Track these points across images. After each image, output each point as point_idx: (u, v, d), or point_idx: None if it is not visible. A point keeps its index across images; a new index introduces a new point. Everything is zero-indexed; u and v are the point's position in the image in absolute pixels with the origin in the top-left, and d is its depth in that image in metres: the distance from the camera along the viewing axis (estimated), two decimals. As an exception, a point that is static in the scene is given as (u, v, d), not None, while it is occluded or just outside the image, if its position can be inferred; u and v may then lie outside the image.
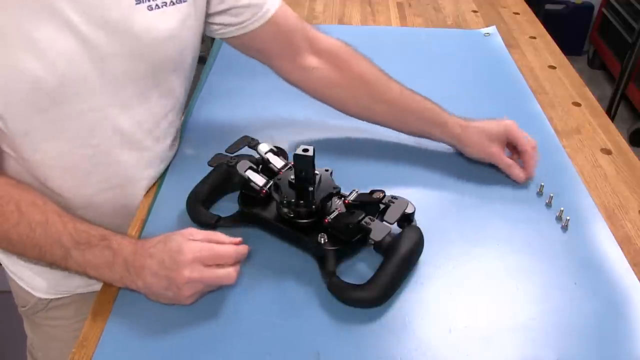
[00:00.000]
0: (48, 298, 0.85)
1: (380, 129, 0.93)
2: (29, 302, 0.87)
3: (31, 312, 0.89)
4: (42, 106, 0.64)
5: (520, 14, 1.49)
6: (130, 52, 0.68)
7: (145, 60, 0.70)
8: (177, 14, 0.71)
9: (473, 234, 0.76)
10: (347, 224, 0.68)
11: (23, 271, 0.84)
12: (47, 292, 0.84)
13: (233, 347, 0.61)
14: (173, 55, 0.74)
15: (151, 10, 0.68)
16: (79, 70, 0.65)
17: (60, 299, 0.86)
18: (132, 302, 0.66)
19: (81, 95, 0.66)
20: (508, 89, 1.11)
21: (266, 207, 0.73)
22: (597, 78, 3.17)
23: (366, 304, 0.64)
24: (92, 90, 0.67)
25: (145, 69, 0.71)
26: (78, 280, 0.80)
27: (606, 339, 0.63)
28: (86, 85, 0.66)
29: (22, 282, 0.85)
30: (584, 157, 0.93)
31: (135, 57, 0.69)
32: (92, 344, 0.61)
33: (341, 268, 0.69)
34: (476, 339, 0.62)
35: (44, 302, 0.86)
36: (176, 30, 0.72)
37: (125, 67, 0.69)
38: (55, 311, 0.87)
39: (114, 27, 0.65)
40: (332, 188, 0.71)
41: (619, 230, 0.78)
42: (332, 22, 1.40)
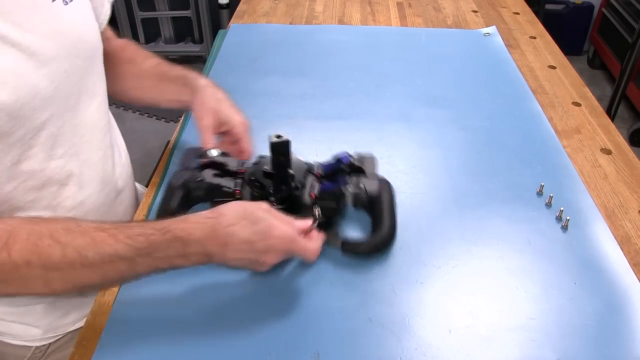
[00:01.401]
0: (46, 344, 0.80)
1: (383, 130, 0.93)
2: (24, 356, 0.80)
3: None
4: (6, 129, 0.60)
5: (520, 14, 1.49)
6: (67, 50, 0.66)
7: (80, 55, 0.69)
8: (84, 3, 0.72)
9: (473, 234, 0.76)
10: (334, 192, 0.72)
11: (13, 327, 0.77)
12: (43, 338, 0.79)
13: (233, 347, 0.61)
14: (98, 43, 0.75)
15: (66, 4, 0.67)
16: (29, 81, 0.61)
17: (59, 340, 0.81)
18: (132, 302, 0.66)
19: (37, 107, 0.63)
20: (508, 89, 1.11)
21: None
22: (597, 78, 3.17)
23: (386, 244, 0.71)
24: (45, 99, 0.64)
25: (84, 64, 0.71)
26: (73, 315, 0.80)
27: (606, 339, 0.63)
28: (39, 95, 0.63)
29: (13, 339, 0.78)
30: (584, 157, 0.93)
31: (72, 54, 0.68)
32: (92, 344, 0.61)
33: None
34: (476, 339, 0.62)
35: (42, 349, 0.80)
36: (92, 19, 0.73)
37: (67, 66, 0.67)
38: (56, 354, 0.82)
39: (44, 29, 0.63)
40: (304, 164, 0.74)
41: (619, 230, 0.78)
42: (332, 22, 1.40)
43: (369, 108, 1.04)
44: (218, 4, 2.91)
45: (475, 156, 0.91)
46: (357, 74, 1.15)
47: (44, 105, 0.64)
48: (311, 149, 0.92)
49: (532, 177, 0.86)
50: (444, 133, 0.97)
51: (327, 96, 1.07)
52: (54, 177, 0.69)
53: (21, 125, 0.61)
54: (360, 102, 1.05)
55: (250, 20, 1.40)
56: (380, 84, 1.11)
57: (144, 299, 0.66)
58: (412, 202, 0.81)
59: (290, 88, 1.07)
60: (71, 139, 0.70)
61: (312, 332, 0.62)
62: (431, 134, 0.97)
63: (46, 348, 0.80)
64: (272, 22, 1.39)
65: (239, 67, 1.16)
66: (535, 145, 0.94)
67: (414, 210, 0.80)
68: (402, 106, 1.04)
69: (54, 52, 0.64)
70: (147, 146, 2.49)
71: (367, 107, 1.04)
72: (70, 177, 0.71)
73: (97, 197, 0.76)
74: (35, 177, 0.66)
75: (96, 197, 0.76)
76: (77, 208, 0.73)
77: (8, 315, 0.76)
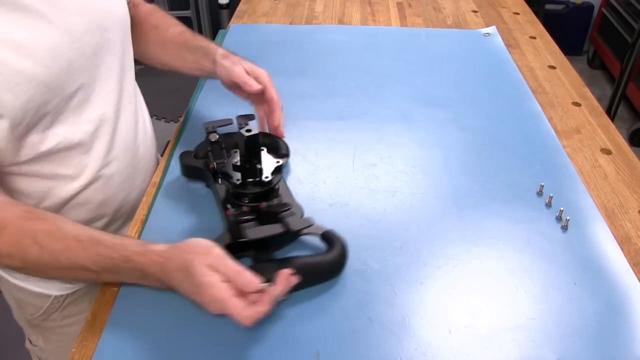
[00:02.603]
0: (64, 294, 0.85)
1: (383, 130, 0.93)
2: (43, 306, 0.85)
3: (44, 317, 0.87)
4: (44, 99, 0.66)
5: (520, 14, 1.49)
6: (97, 24, 0.73)
7: (111, 28, 0.76)
8: None
9: (473, 234, 0.76)
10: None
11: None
12: (62, 287, 0.84)
13: (233, 347, 0.61)
14: (126, 17, 0.81)
15: None
16: (64, 55, 0.67)
17: (75, 292, 0.86)
18: (132, 302, 0.66)
19: (71, 78, 0.70)
20: (508, 89, 1.11)
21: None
22: (597, 78, 3.17)
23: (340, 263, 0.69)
24: (78, 70, 0.70)
25: (115, 36, 0.77)
26: None
27: (606, 339, 0.63)
28: (72, 67, 0.69)
29: (34, 286, 0.83)
30: (584, 157, 0.93)
31: (102, 27, 0.74)
32: (92, 344, 0.61)
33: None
34: (476, 339, 0.62)
35: (59, 299, 0.85)
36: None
37: (98, 39, 0.73)
38: (71, 307, 0.87)
39: (75, 7, 0.69)
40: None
41: (619, 230, 0.78)
42: (332, 22, 1.40)
43: (369, 108, 1.04)
44: (218, 4, 2.91)
45: (475, 156, 0.91)
46: (357, 74, 1.15)
47: (76, 76, 0.70)
48: (311, 149, 0.92)
49: (532, 177, 0.86)
50: (444, 133, 0.97)
51: (327, 96, 1.07)
52: (83, 139, 0.74)
53: (56, 94, 0.68)
54: (360, 102, 1.05)
55: (250, 20, 1.40)
56: (380, 84, 1.11)
57: (144, 299, 0.66)
58: (412, 202, 0.81)
59: (290, 88, 1.07)
60: (100, 105, 0.76)
61: (312, 332, 0.62)
62: (431, 134, 0.97)
63: (63, 299, 0.85)
64: (272, 22, 1.39)
65: (239, 67, 1.15)
66: (535, 145, 0.94)
67: (414, 210, 0.80)
68: (402, 106, 1.04)
69: (86, 27, 0.71)
70: (147, 146, 2.48)
71: (367, 107, 1.04)
72: (97, 141, 0.77)
73: (121, 162, 0.82)
74: (66, 140, 0.72)
75: (120, 162, 0.81)
76: (103, 170, 0.79)
77: None
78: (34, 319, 0.88)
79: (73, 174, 0.75)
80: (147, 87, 0.99)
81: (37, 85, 0.64)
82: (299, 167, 0.87)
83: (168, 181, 0.84)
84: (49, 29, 0.66)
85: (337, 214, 0.79)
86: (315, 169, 0.88)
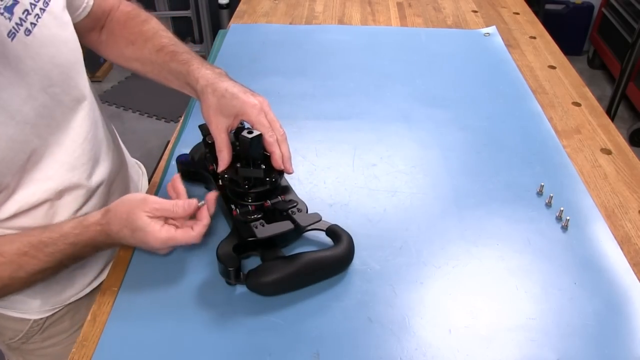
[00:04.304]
0: (43, 317, 0.82)
1: (383, 130, 0.93)
2: (22, 330, 0.82)
3: (24, 340, 0.84)
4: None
5: (520, 14, 1.49)
6: (39, 83, 0.66)
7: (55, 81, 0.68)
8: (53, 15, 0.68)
9: (473, 234, 0.76)
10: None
11: (13, 299, 0.79)
12: (40, 310, 0.81)
13: (233, 347, 0.61)
14: (76, 54, 0.72)
15: (29, 34, 0.64)
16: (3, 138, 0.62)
17: (55, 314, 0.82)
18: (131, 302, 0.66)
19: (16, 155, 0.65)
20: (508, 89, 1.11)
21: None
22: (597, 78, 3.17)
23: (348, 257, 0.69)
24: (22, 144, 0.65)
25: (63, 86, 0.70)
26: (68, 291, 0.82)
27: (606, 339, 0.63)
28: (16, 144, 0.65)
29: (12, 311, 0.81)
30: (584, 157, 0.93)
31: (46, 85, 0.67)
32: (92, 344, 0.61)
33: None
34: (476, 339, 0.62)
35: (39, 322, 0.82)
36: (64, 29, 0.70)
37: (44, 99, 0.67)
38: (52, 329, 0.84)
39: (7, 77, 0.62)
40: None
41: (619, 230, 0.78)
42: (332, 22, 1.40)
43: (369, 108, 1.04)
44: (218, 4, 2.90)
45: (475, 156, 0.91)
46: (357, 74, 1.15)
47: (23, 148, 0.66)
48: (311, 149, 0.92)
49: (532, 177, 0.86)
50: (444, 133, 0.97)
51: (327, 96, 1.07)
52: (48, 197, 0.71)
53: (4, 175, 0.65)
54: (360, 102, 1.05)
55: (250, 20, 1.40)
56: (380, 84, 1.11)
57: (143, 299, 0.66)
58: (412, 202, 0.81)
59: (290, 88, 1.07)
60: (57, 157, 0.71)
61: (312, 332, 0.62)
62: (431, 134, 0.97)
63: (43, 322, 0.83)
64: (272, 22, 1.39)
65: (239, 67, 1.16)
66: (535, 145, 0.94)
67: (414, 210, 0.80)
68: (402, 106, 1.04)
69: (25, 95, 0.64)
70: (147, 146, 2.49)
71: (367, 107, 1.04)
72: (61, 193, 0.73)
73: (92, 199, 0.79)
74: (27, 203, 0.70)
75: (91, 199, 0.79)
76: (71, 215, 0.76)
77: None
78: (13, 343, 0.85)
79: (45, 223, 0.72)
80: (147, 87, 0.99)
81: None
82: (299, 167, 0.87)
83: (168, 181, 0.84)
84: None
85: (337, 214, 0.79)
86: (315, 169, 0.88)
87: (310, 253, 0.67)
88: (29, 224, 0.70)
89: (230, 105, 0.70)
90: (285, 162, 0.71)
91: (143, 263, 0.71)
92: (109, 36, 0.83)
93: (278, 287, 0.65)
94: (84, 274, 0.82)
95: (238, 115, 0.71)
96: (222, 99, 0.71)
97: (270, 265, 0.65)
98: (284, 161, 0.71)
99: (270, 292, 0.66)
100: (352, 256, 0.69)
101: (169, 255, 0.71)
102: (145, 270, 0.70)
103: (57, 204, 0.73)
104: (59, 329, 0.84)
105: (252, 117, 0.70)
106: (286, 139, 0.72)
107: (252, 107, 0.70)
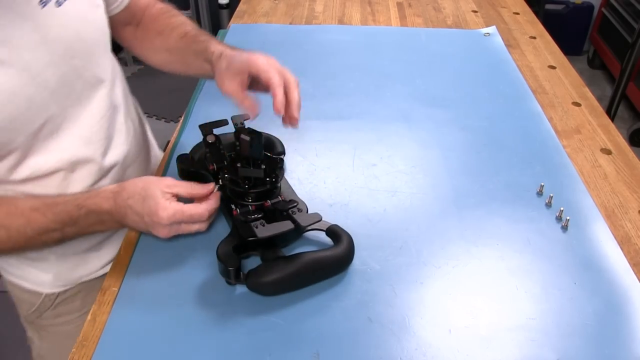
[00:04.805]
0: (55, 292, 0.86)
1: (383, 130, 0.93)
2: (35, 303, 0.86)
3: (37, 314, 0.88)
4: (4, 140, 0.66)
5: (520, 14, 1.49)
6: (61, 53, 0.69)
7: (77, 55, 0.72)
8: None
9: (473, 234, 0.76)
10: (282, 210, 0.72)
11: (27, 270, 0.84)
12: (53, 285, 0.85)
13: (233, 347, 0.61)
14: (100, 35, 0.77)
15: (60, 5, 0.68)
16: (22, 95, 0.65)
17: (67, 291, 0.86)
18: (132, 302, 0.66)
19: (33, 115, 0.67)
20: (508, 89, 1.11)
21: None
22: (597, 78, 3.17)
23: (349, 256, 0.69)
24: (41, 106, 0.68)
25: (83, 62, 0.73)
26: (81, 270, 0.85)
27: (606, 339, 0.63)
28: (35, 104, 0.67)
29: (27, 283, 0.85)
30: (584, 157, 0.93)
31: (68, 56, 0.70)
32: (92, 344, 0.61)
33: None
34: (476, 339, 0.62)
35: (51, 297, 0.86)
36: (91, 12, 0.75)
37: (64, 70, 0.70)
38: (63, 306, 0.87)
39: (34, 40, 0.65)
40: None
41: (619, 230, 0.78)
42: (332, 22, 1.40)
43: (369, 108, 1.04)
44: (218, 4, 2.91)
45: (475, 156, 0.91)
46: (357, 74, 1.15)
47: (40, 112, 0.68)
48: (311, 149, 0.92)
49: (532, 177, 0.86)
50: (444, 133, 0.97)
51: (327, 96, 1.07)
52: (61, 167, 0.74)
53: (19, 134, 0.67)
54: (360, 102, 1.05)
55: (250, 20, 1.40)
56: (380, 84, 1.11)
57: (144, 299, 0.66)
58: (412, 202, 0.81)
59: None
60: (75, 131, 0.74)
61: (312, 332, 0.62)
62: (431, 134, 0.97)
63: (55, 297, 0.86)
64: (272, 22, 1.39)
65: (239, 67, 1.15)
66: (535, 145, 0.94)
67: (414, 210, 0.80)
68: (402, 106, 1.04)
69: (47, 60, 0.67)
70: (147, 146, 2.48)
71: (367, 107, 1.04)
72: (76, 164, 0.75)
73: (105, 177, 0.80)
74: (40, 170, 0.72)
75: (104, 177, 0.80)
76: (85, 188, 0.77)
77: (25, 259, 0.82)
78: (29, 316, 0.89)
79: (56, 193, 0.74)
80: (147, 87, 0.99)
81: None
82: (299, 167, 0.87)
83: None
84: (2, 71, 0.62)
85: (337, 214, 0.79)
86: (315, 169, 0.88)
87: (310, 253, 0.67)
88: (42, 193, 0.72)
89: (238, 62, 0.73)
90: (293, 109, 0.71)
91: (143, 263, 0.71)
92: (142, 31, 0.90)
93: (278, 287, 0.65)
94: (98, 256, 0.85)
95: (247, 69, 0.72)
96: (232, 60, 0.74)
97: (270, 265, 0.65)
98: (292, 107, 0.71)
99: (270, 292, 0.66)
100: (352, 256, 0.69)
101: (169, 256, 0.71)
102: (145, 271, 0.70)
103: (70, 177, 0.75)
104: (70, 307, 0.88)
105: (260, 65, 0.71)
106: (297, 85, 0.72)
107: (259, 57, 0.72)
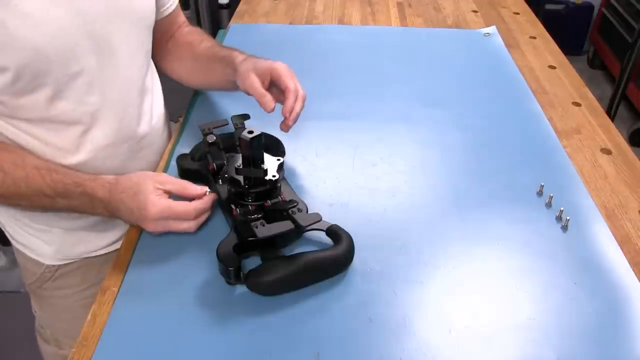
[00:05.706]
0: (55, 265, 0.88)
1: (383, 130, 0.93)
2: (36, 273, 0.89)
3: (38, 284, 0.91)
4: (43, 67, 0.69)
5: (520, 14, 1.49)
6: (116, 12, 0.75)
7: (127, 19, 0.77)
8: None
9: (473, 234, 0.76)
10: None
11: (31, 240, 0.87)
12: (53, 257, 0.88)
13: (233, 347, 0.61)
14: (149, 14, 0.82)
15: None
16: (71, 34, 0.69)
17: (67, 265, 0.89)
18: (131, 302, 0.66)
19: (74, 57, 0.71)
20: (508, 89, 1.11)
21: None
22: (597, 78, 3.17)
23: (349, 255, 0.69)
24: (85, 52, 0.72)
25: (130, 29, 0.78)
26: (82, 247, 0.88)
27: (606, 339, 0.63)
28: (80, 47, 0.71)
29: (30, 252, 0.88)
30: (584, 157, 0.93)
31: (120, 17, 0.75)
32: (92, 344, 0.61)
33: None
34: (476, 339, 0.62)
35: (51, 269, 0.89)
36: None
37: (112, 28, 0.75)
38: (62, 280, 0.90)
39: None
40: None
41: (619, 230, 0.78)
42: (332, 22, 1.40)
43: (369, 108, 1.04)
44: (218, 4, 2.90)
45: (475, 156, 0.91)
46: (357, 74, 1.15)
47: (81, 58, 0.72)
48: (311, 149, 0.92)
49: (532, 177, 0.86)
50: (444, 133, 0.97)
51: (327, 96, 1.07)
52: (83, 120, 0.76)
53: (56, 69, 0.70)
54: (360, 102, 1.05)
55: (250, 20, 1.40)
56: (380, 84, 1.11)
57: (144, 299, 0.66)
58: (412, 202, 0.81)
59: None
60: (105, 92, 0.77)
61: (312, 332, 0.62)
62: (431, 134, 0.97)
63: (55, 270, 0.89)
64: (272, 22, 1.39)
65: (239, 67, 1.15)
66: (535, 145, 0.94)
67: (414, 210, 0.80)
68: (402, 106, 1.04)
69: (101, 12, 0.73)
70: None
71: (367, 107, 1.04)
72: (96, 124, 0.78)
73: (118, 149, 0.82)
74: (65, 114, 0.74)
75: (117, 149, 0.82)
76: (97, 151, 0.79)
77: (30, 229, 0.86)
78: (31, 285, 0.93)
79: (67, 148, 0.77)
80: (147, 87, 1.00)
81: (36, 54, 0.66)
82: (299, 167, 0.87)
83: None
84: (61, 7, 0.67)
85: (337, 214, 0.79)
86: (315, 169, 0.88)
87: (310, 253, 0.67)
88: (55, 142, 0.75)
89: (263, 66, 0.80)
90: (291, 117, 0.77)
91: (143, 263, 0.71)
92: (173, 44, 0.95)
93: (278, 287, 0.65)
94: (102, 236, 0.88)
95: (269, 72, 0.79)
96: (257, 62, 0.81)
97: (270, 265, 0.65)
98: (292, 116, 0.77)
99: (270, 292, 0.66)
100: (352, 256, 0.69)
101: (169, 255, 0.71)
102: (145, 271, 0.70)
103: (86, 137, 0.77)
104: (69, 282, 0.91)
105: (281, 70, 0.79)
106: (304, 99, 0.80)
107: (281, 64, 0.81)
